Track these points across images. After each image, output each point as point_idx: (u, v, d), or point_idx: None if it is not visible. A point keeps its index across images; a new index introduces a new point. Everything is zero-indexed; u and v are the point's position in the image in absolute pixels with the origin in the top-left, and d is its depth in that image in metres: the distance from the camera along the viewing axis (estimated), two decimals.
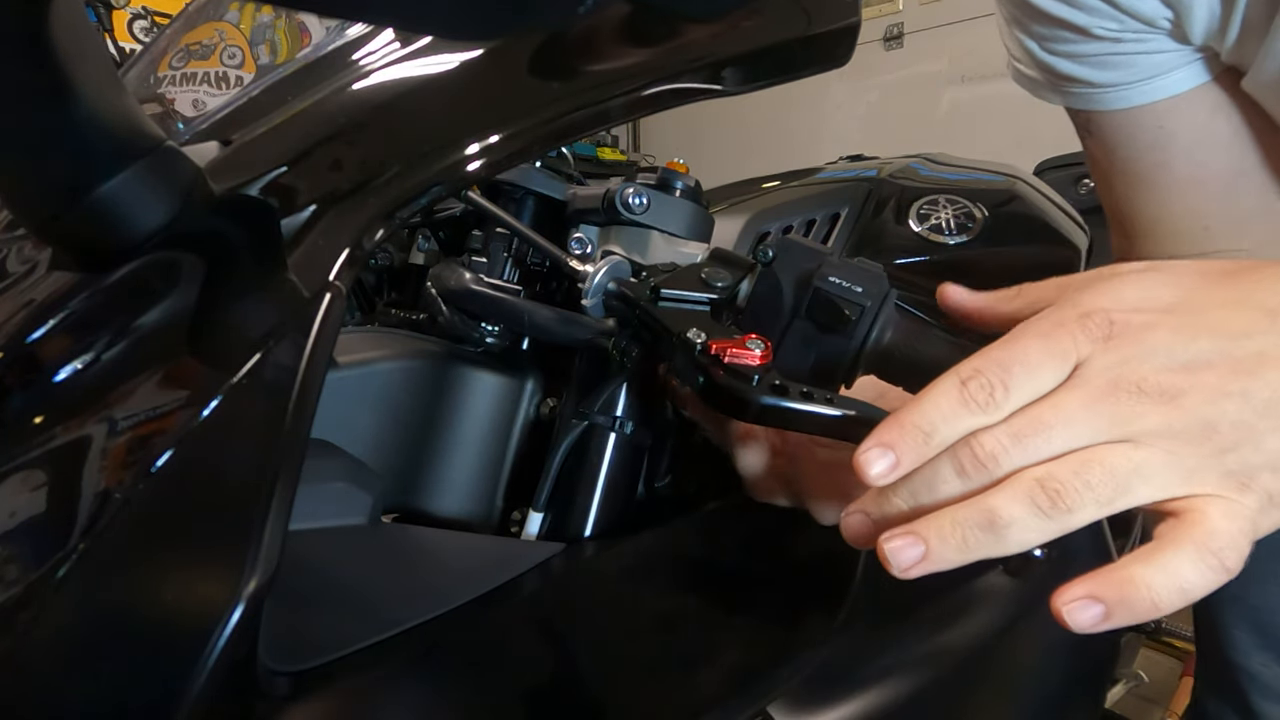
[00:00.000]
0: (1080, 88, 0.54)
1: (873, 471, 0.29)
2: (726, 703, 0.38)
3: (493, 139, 0.34)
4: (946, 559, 0.28)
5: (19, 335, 0.31)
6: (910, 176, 0.88)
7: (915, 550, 0.28)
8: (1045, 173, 1.27)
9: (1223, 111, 0.52)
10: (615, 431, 0.48)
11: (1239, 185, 0.53)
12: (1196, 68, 0.51)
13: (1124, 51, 0.51)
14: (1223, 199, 0.54)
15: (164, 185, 0.29)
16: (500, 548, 0.47)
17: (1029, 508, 0.27)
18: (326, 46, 0.44)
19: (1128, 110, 0.53)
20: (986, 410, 0.29)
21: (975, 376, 0.29)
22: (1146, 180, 0.55)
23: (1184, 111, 0.52)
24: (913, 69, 3.08)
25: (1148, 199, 0.56)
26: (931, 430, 0.29)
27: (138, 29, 2.50)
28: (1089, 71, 0.53)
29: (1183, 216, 0.55)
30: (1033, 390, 0.29)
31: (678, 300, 0.42)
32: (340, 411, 0.46)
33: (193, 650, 0.25)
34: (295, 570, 0.30)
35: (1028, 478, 0.28)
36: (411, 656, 0.36)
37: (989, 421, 0.29)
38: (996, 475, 0.28)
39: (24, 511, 0.28)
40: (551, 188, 0.53)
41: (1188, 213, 0.55)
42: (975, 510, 0.28)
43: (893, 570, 0.28)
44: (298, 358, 0.28)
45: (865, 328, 0.38)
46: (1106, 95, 0.53)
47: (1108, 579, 0.27)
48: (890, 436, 0.29)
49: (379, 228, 0.32)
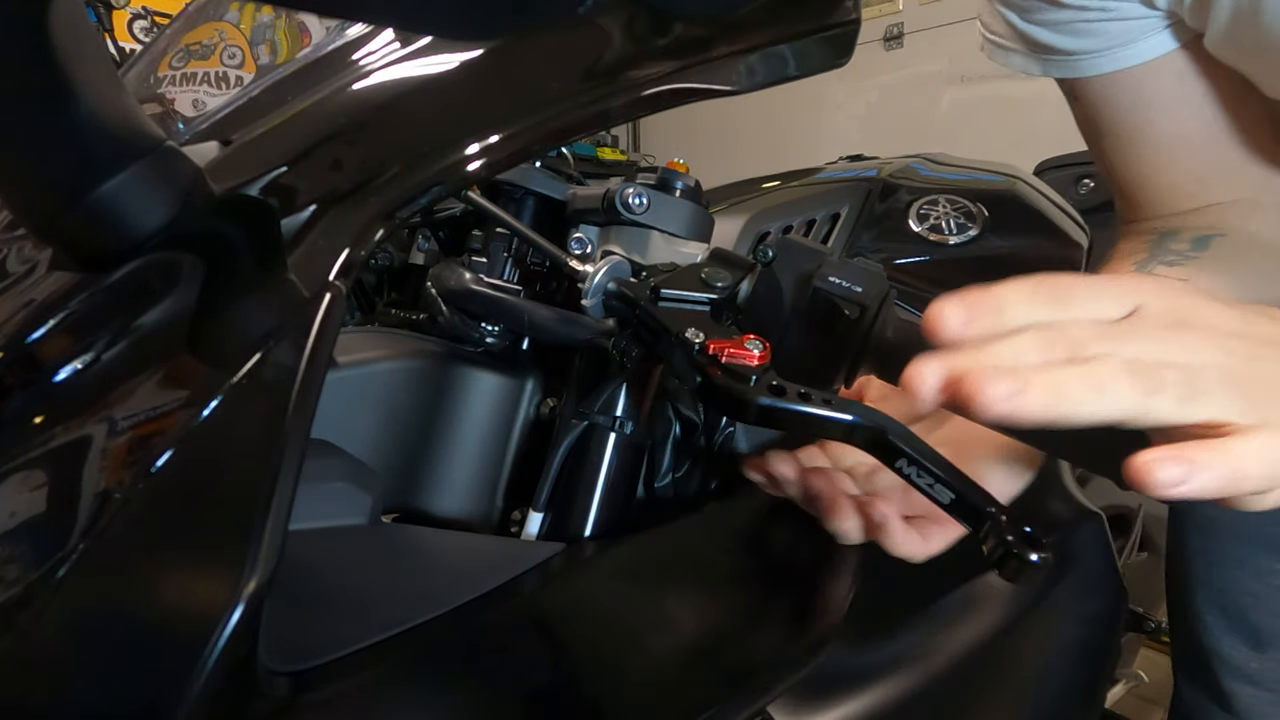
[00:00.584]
0: (1058, 56, 0.57)
1: (950, 324, 0.28)
2: (726, 703, 0.38)
3: (493, 139, 0.34)
4: (1042, 404, 0.26)
5: (19, 335, 0.31)
6: (910, 176, 0.88)
7: (1009, 384, 0.26)
8: (1045, 173, 1.27)
9: (1197, 75, 0.54)
10: (615, 431, 0.48)
11: (1224, 140, 0.55)
12: (1166, 35, 0.53)
13: (1092, 19, 0.53)
14: (1209, 154, 0.56)
15: (164, 185, 0.29)
16: (500, 548, 0.47)
17: (1123, 379, 0.27)
18: (326, 46, 0.44)
19: (1105, 76, 0.56)
20: (1053, 307, 0.29)
21: (1043, 282, 0.30)
22: (1134, 140, 0.58)
23: (1158, 76, 0.55)
24: (913, 69, 3.08)
25: (1138, 158, 0.58)
26: (1002, 307, 0.29)
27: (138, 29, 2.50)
28: (1064, 40, 0.55)
29: (1173, 172, 0.57)
30: (1096, 310, 0.30)
31: (677, 300, 0.42)
32: (340, 411, 0.46)
33: (193, 650, 0.25)
34: (295, 570, 0.30)
35: (1116, 358, 0.28)
36: (411, 656, 0.36)
37: (1058, 316, 0.29)
38: (1082, 354, 0.28)
39: (24, 511, 0.28)
40: (551, 188, 0.53)
41: (1178, 168, 0.57)
42: (1075, 367, 0.27)
43: (975, 406, 0.26)
44: (298, 358, 0.28)
45: (865, 328, 0.38)
46: (1082, 62, 0.56)
47: (1196, 445, 0.27)
48: (964, 301, 0.29)
49: (379, 228, 0.32)
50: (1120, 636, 0.73)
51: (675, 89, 0.36)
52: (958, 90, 2.96)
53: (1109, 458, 0.30)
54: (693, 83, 0.37)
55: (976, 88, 2.90)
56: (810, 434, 0.35)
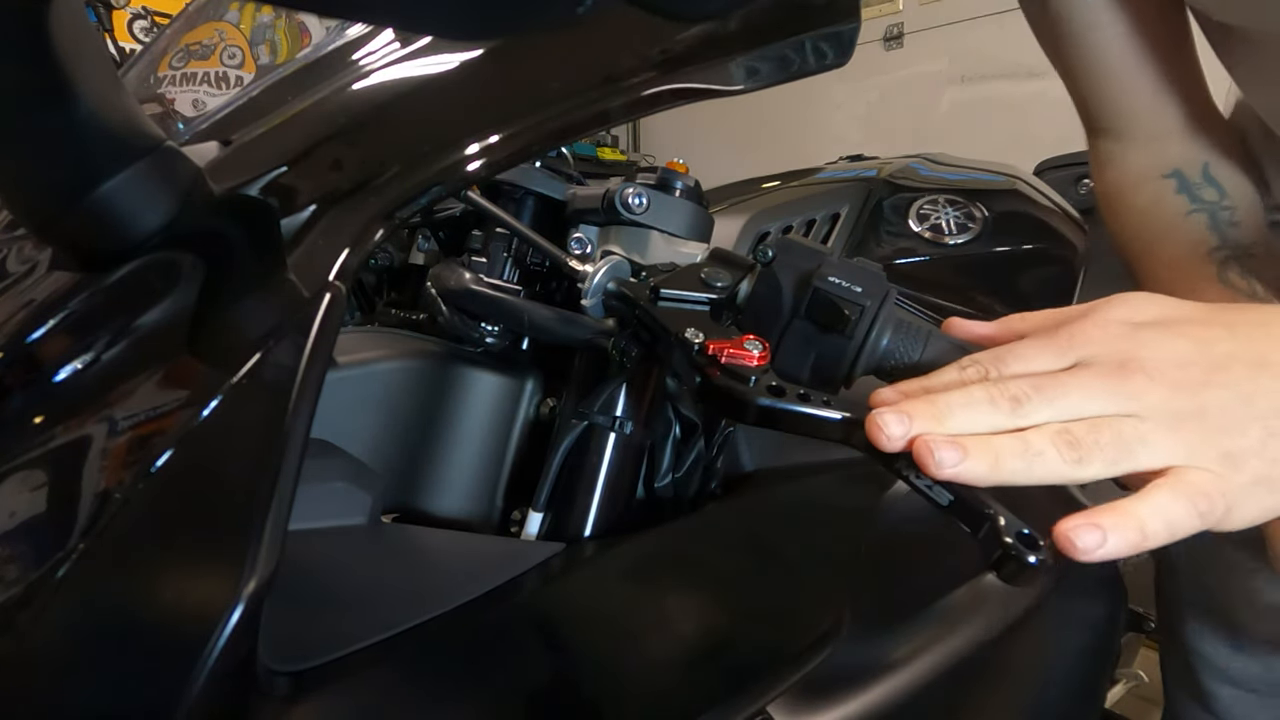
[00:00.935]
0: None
1: (891, 433, 0.31)
2: (726, 703, 0.38)
3: (493, 139, 0.34)
4: (978, 472, 0.30)
5: (19, 335, 0.31)
6: (910, 176, 0.88)
7: (955, 453, 0.29)
8: (1045, 173, 1.27)
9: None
10: (615, 431, 0.48)
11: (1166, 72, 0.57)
12: None
13: None
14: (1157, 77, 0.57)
15: (164, 185, 0.29)
16: (500, 548, 0.47)
17: (1054, 448, 0.30)
18: (326, 46, 0.45)
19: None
20: (996, 366, 0.33)
21: (972, 364, 0.33)
22: (1092, 60, 0.58)
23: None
24: (913, 69, 3.08)
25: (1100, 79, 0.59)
26: (940, 414, 0.31)
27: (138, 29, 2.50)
28: None
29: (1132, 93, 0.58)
30: (1038, 365, 0.33)
31: (677, 300, 0.42)
32: (340, 411, 0.46)
33: (193, 650, 0.25)
34: (295, 570, 0.30)
35: (1050, 427, 0.31)
36: (411, 656, 0.36)
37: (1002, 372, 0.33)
38: (1021, 419, 0.31)
39: (24, 511, 0.28)
40: (551, 188, 0.53)
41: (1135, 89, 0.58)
42: (1011, 438, 0.30)
43: (931, 467, 0.30)
44: (297, 358, 0.28)
45: (865, 328, 0.38)
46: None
47: (1106, 510, 0.29)
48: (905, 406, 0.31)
49: (379, 228, 0.32)
50: (1120, 637, 0.73)
51: (675, 89, 0.37)
52: (958, 90, 2.96)
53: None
54: (693, 83, 0.37)
55: (976, 88, 2.90)
56: (809, 435, 0.35)
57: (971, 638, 0.50)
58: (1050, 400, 0.31)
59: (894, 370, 0.39)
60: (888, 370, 0.40)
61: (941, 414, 0.31)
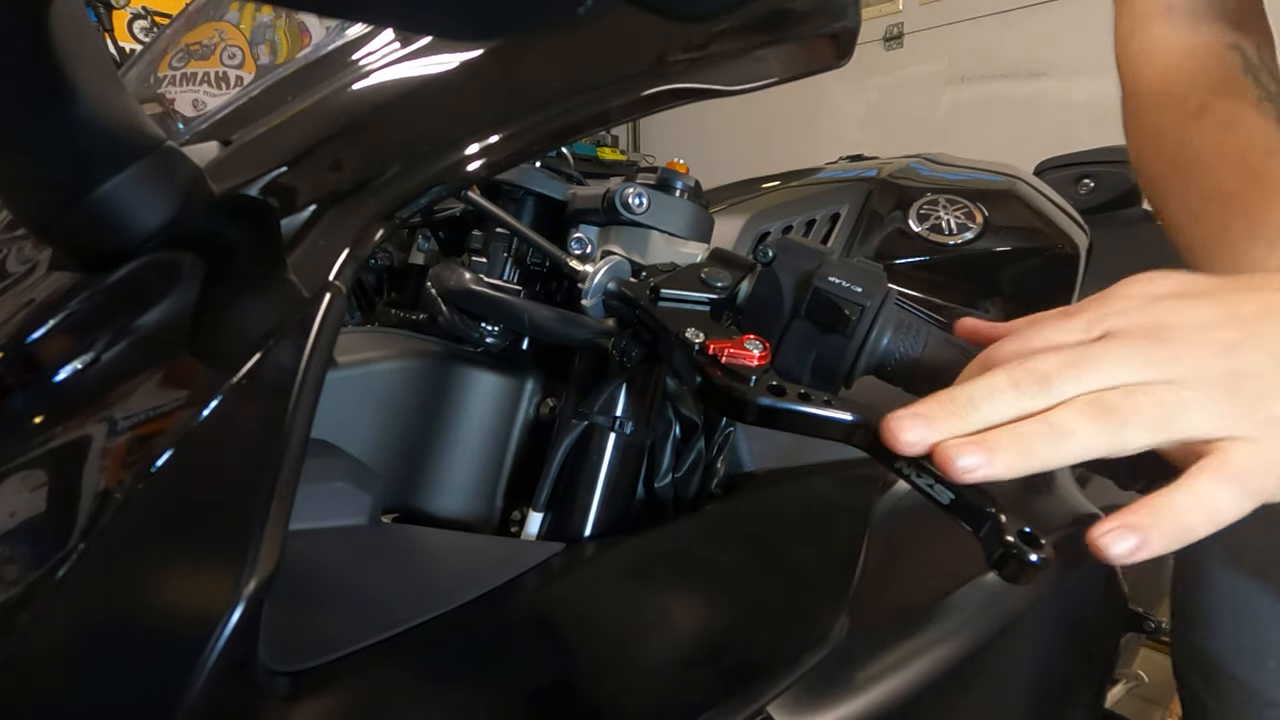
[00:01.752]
0: None
1: (908, 438, 0.29)
2: (726, 703, 0.38)
3: (493, 139, 0.34)
4: (1010, 465, 0.28)
5: (19, 335, 0.31)
6: (910, 176, 0.88)
7: (978, 456, 0.27)
8: (1045, 173, 1.27)
9: None
10: (615, 431, 0.48)
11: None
12: None
13: None
14: None
15: (164, 185, 0.29)
16: (500, 548, 0.47)
17: (1088, 420, 0.28)
18: (326, 46, 0.44)
19: None
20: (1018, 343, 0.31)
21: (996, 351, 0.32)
22: None
23: None
24: (913, 69, 3.08)
25: None
26: (967, 399, 0.29)
27: (138, 29, 2.50)
28: None
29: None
30: (1064, 337, 0.31)
31: (677, 300, 0.42)
32: (340, 411, 0.46)
33: (193, 650, 0.25)
34: (295, 570, 0.30)
35: (1080, 399, 0.28)
36: (411, 656, 0.36)
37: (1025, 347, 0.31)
38: (1050, 398, 0.29)
39: (24, 511, 0.28)
40: (551, 188, 0.53)
41: None
42: (1037, 421, 0.28)
43: (953, 471, 0.28)
44: (297, 358, 0.28)
45: (865, 328, 0.38)
46: None
47: (1140, 508, 0.27)
48: (921, 407, 0.29)
49: (379, 228, 0.32)
50: (1120, 637, 0.73)
51: (675, 89, 0.36)
52: (958, 90, 2.96)
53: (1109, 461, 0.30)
54: (693, 83, 0.37)
55: (976, 88, 2.90)
56: (809, 435, 0.35)
57: (972, 638, 0.50)
58: (1080, 374, 0.29)
59: (894, 370, 0.40)
60: (888, 370, 0.40)
61: (962, 410, 0.29)
